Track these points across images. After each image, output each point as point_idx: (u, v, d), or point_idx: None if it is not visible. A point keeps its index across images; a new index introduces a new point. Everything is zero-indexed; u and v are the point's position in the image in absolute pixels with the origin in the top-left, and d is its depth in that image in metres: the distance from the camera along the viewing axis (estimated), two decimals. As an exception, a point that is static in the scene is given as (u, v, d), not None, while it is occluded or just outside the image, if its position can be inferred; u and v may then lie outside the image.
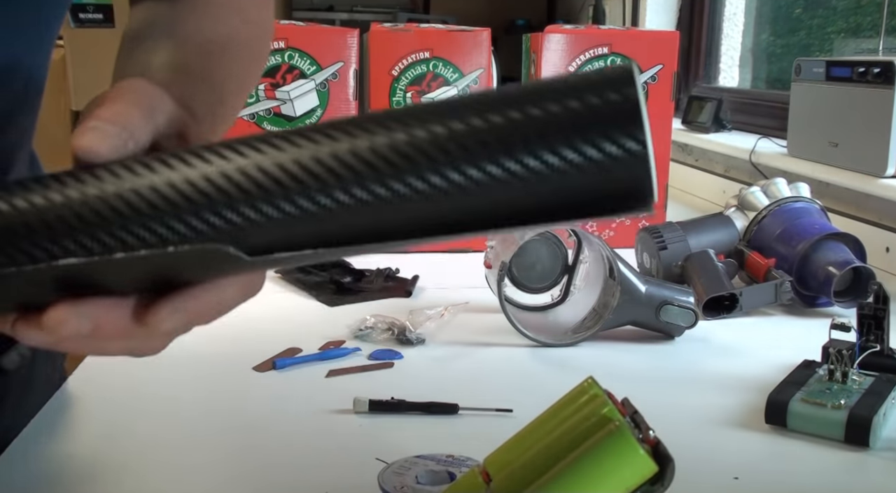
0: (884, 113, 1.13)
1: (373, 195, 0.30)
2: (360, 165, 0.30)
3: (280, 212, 0.31)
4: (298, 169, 0.31)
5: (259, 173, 0.31)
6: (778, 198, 0.98)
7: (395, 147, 0.30)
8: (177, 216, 0.31)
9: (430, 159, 0.30)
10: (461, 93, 0.28)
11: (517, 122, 0.29)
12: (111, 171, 0.32)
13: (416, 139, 0.30)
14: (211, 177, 0.31)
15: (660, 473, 0.38)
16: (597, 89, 0.29)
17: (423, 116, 0.31)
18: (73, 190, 0.32)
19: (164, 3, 0.53)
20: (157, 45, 0.48)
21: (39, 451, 0.58)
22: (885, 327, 0.68)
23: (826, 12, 1.83)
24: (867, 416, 0.59)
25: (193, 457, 0.58)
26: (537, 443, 0.42)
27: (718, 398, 0.68)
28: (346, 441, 0.60)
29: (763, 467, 0.57)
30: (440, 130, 0.30)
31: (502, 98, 0.30)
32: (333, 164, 0.31)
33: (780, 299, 0.88)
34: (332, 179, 0.30)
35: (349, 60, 1.10)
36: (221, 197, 0.31)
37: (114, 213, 0.32)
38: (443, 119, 0.30)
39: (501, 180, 0.30)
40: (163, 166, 0.32)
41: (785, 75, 1.67)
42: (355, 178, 0.30)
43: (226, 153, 0.32)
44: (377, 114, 0.31)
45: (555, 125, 0.29)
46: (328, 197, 0.31)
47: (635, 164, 0.29)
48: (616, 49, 1.14)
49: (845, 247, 0.90)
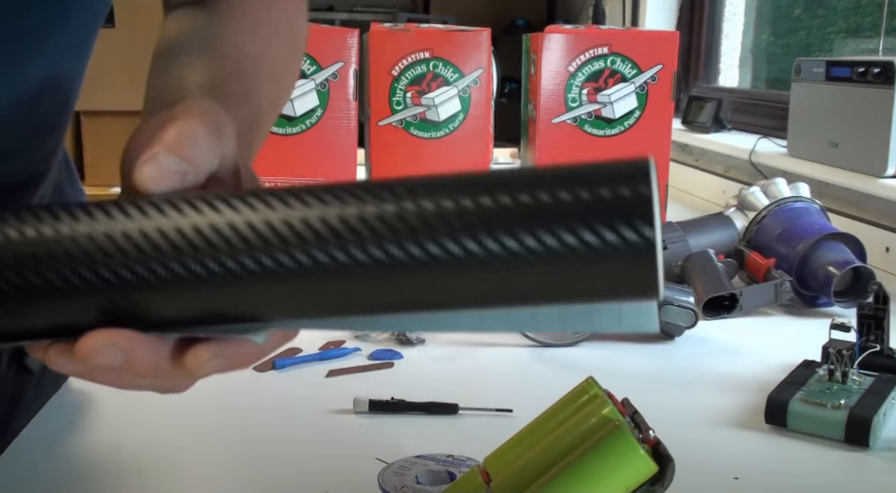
0: (884, 113, 1.13)
1: (373, 259, 0.31)
2: (381, 227, 0.31)
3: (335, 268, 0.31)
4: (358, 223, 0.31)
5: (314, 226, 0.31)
6: (778, 198, 0.98)
7: (420, 215, 0.31)
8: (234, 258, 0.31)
9: (430, 230, 0.30)
10: (494, 170, 0.29)
11: (525, 205, 0.30)
12: (173, 205, 0.32)
13: (424, 211, 0.31)
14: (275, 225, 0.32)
15: (660, 473, 0.38)
16: (610, 181, 0.29)
17: (432, 188, 0.31)
18: (128, 220, 0.32)
19: (200, 14, 0.52)
20: (192, 61, 0.47)
21: (40, 450, 0.58)
22: (885, 327, 0.68)
23: (826, 12, 1.83)
24: (867, 416, 0.59)
25: (193, 457, 0.58)
26: (537, 443, 0.42)
27: (718, 398, 0.68)
28: (346, 441, 0.60)
29: (763, 467, 0.57)
30: (448, 205, 0.30)
31: (514, 180, 0.30)
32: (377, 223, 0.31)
33: (780, 299, 0.88)
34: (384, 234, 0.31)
35: (349, 60, 1.10)
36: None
37: (169, 246, 0.32)
38: (454, 194, 0.31)
39: (501, 258, 0.30)
40: (224, 206, 0.32)
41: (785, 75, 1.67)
42: (376, 239, 0.31)
43: (292, 201, 0.32)
44: (393, 182, 0.32)
45: (564, 212, 0.29)
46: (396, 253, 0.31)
47: (641, 257, 0.29)
48: (616, 49, 1.14)
49: (845, 247, 0.90)
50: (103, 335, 0.32)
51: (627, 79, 1.15)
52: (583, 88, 1.15)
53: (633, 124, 1.16)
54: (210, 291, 0.32)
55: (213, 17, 0.52)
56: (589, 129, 1.16)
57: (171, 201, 0.32)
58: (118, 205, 0.33)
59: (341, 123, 1.11)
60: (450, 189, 0.31)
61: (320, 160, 1.11)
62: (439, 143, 1.14)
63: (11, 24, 0.46)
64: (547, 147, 1.16)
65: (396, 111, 1.13)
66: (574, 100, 1.15)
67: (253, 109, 0.47)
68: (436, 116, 1.13)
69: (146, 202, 0.33)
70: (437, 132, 1.13)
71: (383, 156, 1.14)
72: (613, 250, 0.29)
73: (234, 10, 0.52)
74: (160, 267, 0.32)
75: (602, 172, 0.30)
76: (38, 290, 0.32)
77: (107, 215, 0.32)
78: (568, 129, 1.16)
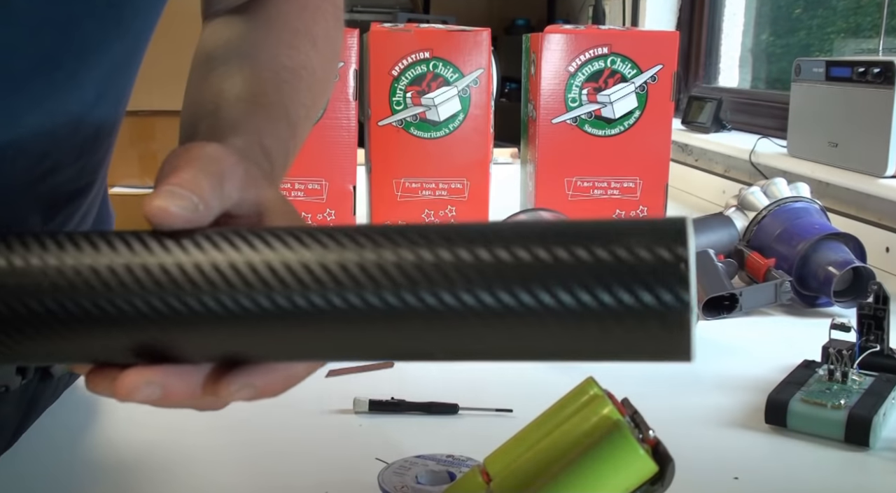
0: (884, 113, 1.13)
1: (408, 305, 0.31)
2: (401, 277, 0.31)
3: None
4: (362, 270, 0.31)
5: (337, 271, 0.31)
6: (778, 198, 0.98)
7: (455, 264, 0.31)
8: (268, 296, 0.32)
9: (466, 281, 0.30)
10: (522, 219, 0.28)
11: (563, 261, 0.30)
12: (194, 241, 0.33)
13: (461, 261, 0.30)
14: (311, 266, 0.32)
15: (660, 473, 0.38)
16: (648, 241, 0.29)
17: (469, 236, 0.31)
18: (165, 253, 0.33)
19: (239, 24, 0.52)
20: (231, 71, 0.48)
21: (45, 449, 0.58)
22: (885, 327, 0.68)
23: (826, 12, 1.83)
24: (867, 416, 0.59)
25: (194, 456, 0.58)
26: (537, 443, 0.42)
27: (718, 398, 0.68)
28: (346, 441, 0.60)
29: (763, 467, 0.57)
30: (485, 256, 0.30)
31: (554, 233, 0.30)
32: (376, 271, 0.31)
33: (780, 299, 0.88)
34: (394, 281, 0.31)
35: (349, 60, 1.10)
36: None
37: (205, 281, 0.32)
38: (490, 244, 0.31)
39: (537, 312, 0.30)
40: (259, 242, 0.33)
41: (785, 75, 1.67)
42: (393, 286, 0.31)
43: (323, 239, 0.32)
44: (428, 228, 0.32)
45: (599, 270, 0.29)
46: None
47: (674, 319, 0.29)
48: (616, 49, 1.14)
49: (845, 247, 0.90)
50: (140, 374, 0.34)
51: (627, 79, 1.15)
52: (583, 88, 1.15)
53: (633, 124, 1.16)
54: (232, 329, 0.32)
55: (252, 27, 0.52)
56: (589, 129, 1.16)
57: (193, 237, 0.33)
58: (139, 237, 0.33)
59: (341, 123, 1.11)
60: (487, 240, 0.31)
61: (320, 160, 1.11)
62: (439, 143, 1.14)
63: (62, 37, 0.46)
64: (547, 147, 1.16)
65: (396, 111, 1.13)
66: (574, 100, 1.15)
67: (291, 122, 0.47)
68: (436, 116, 1.13)
69: (164, 237, 0.33)
70: (437, 132, 1.13)
71: (383, 156, 1.14)
72: (648, 312, 0.29)
73: (273, 22, 0.52)
74: (180, 302, 0.32)
75: (639, 229, 0.30)
76: (58, 318, 0.33)
77: (128, 248, 0.33)
78: (568, 129, 1.16)
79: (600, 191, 1.17)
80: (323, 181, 1.12)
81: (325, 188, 1.12)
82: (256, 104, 0.46)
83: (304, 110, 0.50)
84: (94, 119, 0.53)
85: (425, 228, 0.32)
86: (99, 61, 0.49)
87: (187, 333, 0.33)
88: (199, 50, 0.52)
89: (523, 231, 0.31)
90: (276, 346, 0.33)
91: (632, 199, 1.18)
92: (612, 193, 1.18)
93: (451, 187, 1.14)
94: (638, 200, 1.18)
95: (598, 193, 1.18)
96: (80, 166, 0.55)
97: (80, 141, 0.53)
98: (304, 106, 0.50)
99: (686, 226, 0.30)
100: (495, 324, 0.30)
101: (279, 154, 0.44)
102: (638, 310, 0.29)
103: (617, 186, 1.17)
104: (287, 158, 0.46)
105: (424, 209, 1.14)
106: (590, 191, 1.17)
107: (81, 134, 0.53)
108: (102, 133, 0.55)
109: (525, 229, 0.31)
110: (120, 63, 0.52)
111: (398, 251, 0.31)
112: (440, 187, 1.14)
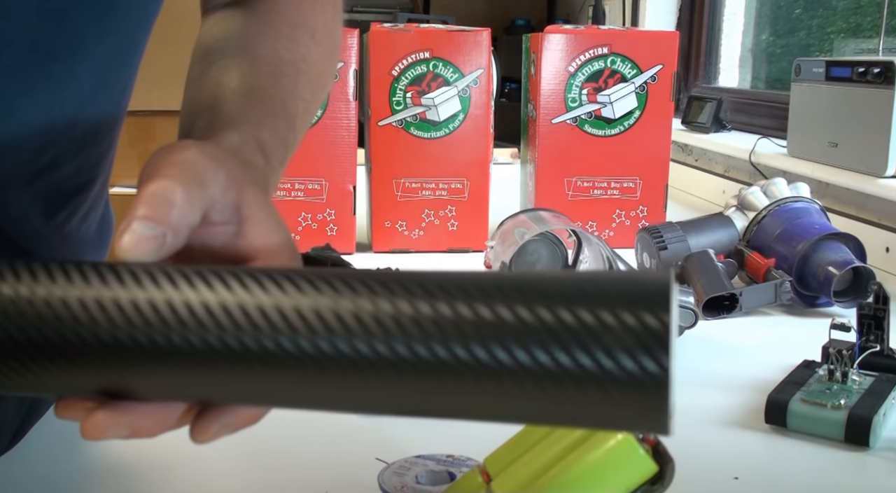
0: (884, 113, 1.13)
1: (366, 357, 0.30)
2: (375, 327, 0.30)
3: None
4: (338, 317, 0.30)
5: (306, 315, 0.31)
6: (778, 198, 0.98)
7: (416, 318, 0.30)
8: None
9: (445, 333, 0.29)
10: (499, 271, 0.28)
11: (544, 321, 0.29)
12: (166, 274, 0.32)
13: (421, 314, 0.30)
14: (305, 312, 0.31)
15: (660, 473, 0.38)
16: (628, 305, 0.28)
17: (458, 290, 0.30)
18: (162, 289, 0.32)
19: (238, 18, 0.52)
20: (229, 65, 0.48)
21: (42, 451, 0.58)
22: (885, 327, 0.68)
23: (826, 12, 1.83)
24: (867, 416, 0.59)
25: (193, 456, 0.58)
26: (537, 443, 0.42)
27: (718, 398, 0.68)
28: (346, 441, 0.60)
29: (763, 467, 0.57)
30: (467, 312, 0.29)
31: (534, 290, 0.30)
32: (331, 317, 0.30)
33: (779, 299, 0.88)
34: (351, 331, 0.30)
35: (349, 60, 1.10)
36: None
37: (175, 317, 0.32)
38: (473, 299, 0.30)
39: (512, 370, 0.29)
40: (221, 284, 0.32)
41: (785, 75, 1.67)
42: (368, 337, 0.30)
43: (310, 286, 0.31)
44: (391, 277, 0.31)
45: (578, 332, 0.28)
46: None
47: (651, 386, 0.28)
48: (616, 49, 1.14)
49: (845, 247, 0.90)
50: (106, 416, 0.33)
51: (627, 79, 1.15)
52: (583, 88, 1.15)
53: (633, 124, 1.16)
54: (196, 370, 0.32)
55: (251, 21, 0.52)
56: (589, 129, 1.16)
57: (150, 272, 0.32)
58: (113, 269, 0.33)
59: (341, 123, 1.11)
60: (465, 294, 0.30)
61: (320, 160, 1.11)
62: (439, 143, 1.14)
63: (56, 29, 0.46)
64: (547, 147, 1.16)
65: (396, 111, 1.13)
66: (574, 100, 1.15)
67: (289, 115, 0.47)
68: (436, 116, 1.13)
69: (123, 269, 0.33)
70: (437, 132, 1.13)
71: (383, 156, 1.14)
72: (625, 379, 0.28)
73: (272, 15, 0.52)
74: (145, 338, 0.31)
75: (620, 290, 0.29)
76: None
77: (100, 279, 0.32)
78: (568, 129, 1.16)
79: (600, 191, 1.17)
80: (323, 181, 1.12)
81: (325, 188, 1.12)
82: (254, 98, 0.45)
83: (304, 104, 0.50)
84: (92, 113, 0.53)
85: (390, 277, 0.31)
86: (94, 53, 0.50)
87: (150, 371, 0.32)
88: (198, 44, 0.52)
89: (493, 285, 0.30)
90: (243, 390, 0.33)
91: (632, 199, 1.18)
92: (612, 193, 1.18)
93: (451, 187, 1.14)
94: (638, 201, 1.18)
95: (598, 193, 1.18)
96: (81, 162, 0.55)
97: (79, 136, 0.53)
98: (304, 99, 0.50)
99: (669, 291, 0.28)
100: (466, 382, 0.29)
101: (276, 148, 0.44)
102: (614, 371, 0.28)
103: (617, 186, 1.17)
104: (286, 151, 0.46)
105: (424, 209, 1.14)
106: (590, 191, 1.17)
107: (80, 128, 0.53)
108: (102, 129, 0.55)
109: (494, 283, 0.30)
110: (116, 56, 0.52)
111: (357, 300, 0.30)
112: (440, 187, 1.14)
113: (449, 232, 1.15)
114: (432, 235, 1.15)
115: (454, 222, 1.15)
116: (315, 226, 1.12)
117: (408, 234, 1.15)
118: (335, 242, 1.09)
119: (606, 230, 1.18)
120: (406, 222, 1.14)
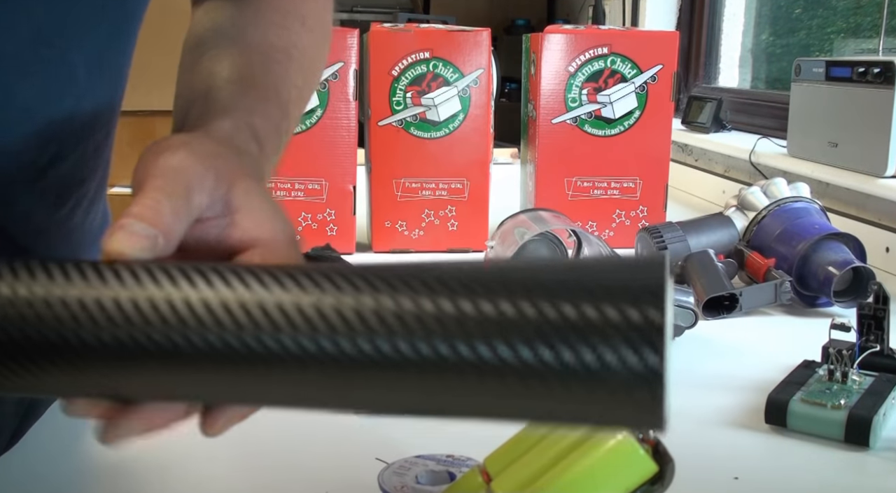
0: (884, 113, 1.13)
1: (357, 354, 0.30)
2: (374, 323, 0.30)
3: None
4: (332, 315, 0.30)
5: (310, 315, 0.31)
6: (778, 198, 0.98)
7: (397, 314, 0.30)
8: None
9: (443, 329, 0.29)
10: (486, 261, 0.28)
11: (541, 314, 0.29)
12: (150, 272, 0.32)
13: (403, 309, 0.30)
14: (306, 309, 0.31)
15: (660, 473, 0.38)
16: (623, 297, 0.28)
17: (443, 284, 0.30)
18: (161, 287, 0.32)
19: (228, 7, 0.52)
20: (220, 54, 0.48)
21: (41, 451, 0.58)
22: (885, 327, 0.68)
23: (826, 12, 1.83)
24: (867, 416, 0.59)
25: (193, 456, 0.58)
26: (537, 443, 0.42)
27: (718, 398, 0.68)
28: (346, 441, 0.60)
29: (763, 467, 0.57)
30: (450, 308, 0.29)
31: (534, 284, 0.29)
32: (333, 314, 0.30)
33: (780, 299, 0.88)
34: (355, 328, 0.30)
35: (349, 60, 1.10)
36: None
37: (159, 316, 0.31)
38: (468, 294, 0.29)
39: (514, 367, 0.29)
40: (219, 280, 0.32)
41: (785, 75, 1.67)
42: (351, 333, 0.30)
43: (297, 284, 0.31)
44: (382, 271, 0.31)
45: (573, 326, 0.28)
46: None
47: (648, 380, 0.28)
48: (616, 49, 1.14)
49: (845, 247, 0.90)
50: (119, 421, 0.34)
51: (627, 79, 1.15)
52: (583, 88, 1.15)
53: (633, 124, 1.16)
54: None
55: (241, 9, 0.52)
56: (589, 129, 1.16)
57: (150, 270, 0.32)
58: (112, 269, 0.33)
59: (341, 123, 1.11)
60: (451, 290, 0.29)
61: (320, 160, 1.11)
62: (439, 143, 1.14)
63: (52, 15, 0.47)
64: (547, 147, 1.16)
65: (396, 111, 1.13)
66: (574, 100, 1.15)
67: (282, 102, 0.47)
68: (436, 116, 1.13)
69: (122, 269, 0.32)
70: (437, 132, 1.13)
71: (383, 156, 1.14)
72: (621, 371, 0.28)
73: (262, 4, 0.52)
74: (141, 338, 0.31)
75: (612, 282, 0.28)
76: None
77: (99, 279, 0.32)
78: (568, 129, 1.16)
79: (600, 191, 1.17)
80: (323, 181, 1.12)
81: (325, 188, 1.12)
82: (246, 86, 0.45)
83: (296, 90, 0.50)
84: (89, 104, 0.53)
85: (385, 271, 0.31)
86: (88, 39, 0.50)
87: (151, 371, 0.32)
88: (189, 34, 0.52)
89: (484, 281, 0.30)
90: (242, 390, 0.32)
91: (632, 199, 1.18)
92: (612, 193, 1.18)
93: (451, 187, 1.14)
94: (638, 200, 1.18)
95: (598, 193, 1.18)
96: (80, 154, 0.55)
97: (78, 127, 0.53)
98: (296, 86, 0.50)
99: (664, 286, 0.28)
100: (467, 378, 0.29)
101: (270, 134, 0.44)
102: (613, 364, 0.28)
103: (617, 186, 1.17)
104: (280, 138, 0.46)
105: (424, 209, 1.14)
106: (590, 191, 1.17)
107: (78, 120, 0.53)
108: (100, 119, 0.56)
109: (485, 278, 0.30)
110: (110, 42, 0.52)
111: (359, 296, 0.30)
112: (440, 187, 1.14)
113: (449, 232, 1.15)
114: (432, 235, 1.15)
115: (454, 222, 1.15)
116: (315, 226, 1.12)
117: (408, 234, 1.15)
118: (335, 243, 1.09)
119: (606, 230, 1.18)
120: (406, 222, 1.14)
